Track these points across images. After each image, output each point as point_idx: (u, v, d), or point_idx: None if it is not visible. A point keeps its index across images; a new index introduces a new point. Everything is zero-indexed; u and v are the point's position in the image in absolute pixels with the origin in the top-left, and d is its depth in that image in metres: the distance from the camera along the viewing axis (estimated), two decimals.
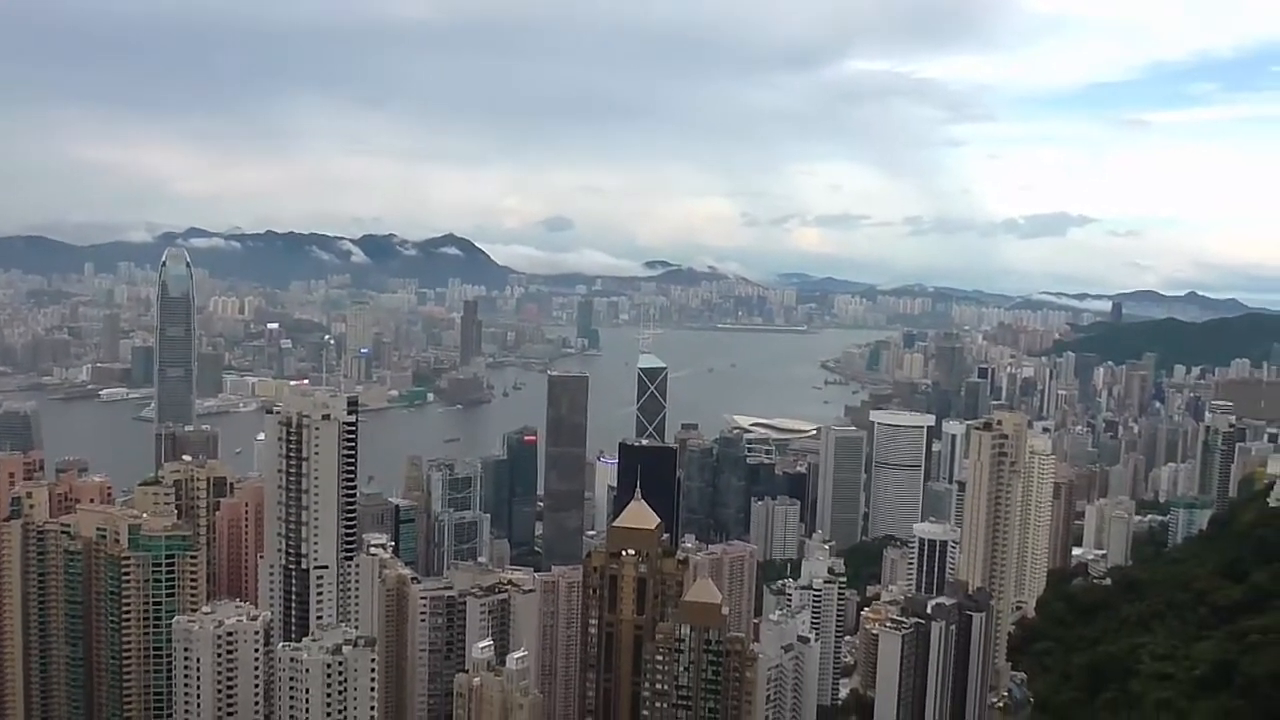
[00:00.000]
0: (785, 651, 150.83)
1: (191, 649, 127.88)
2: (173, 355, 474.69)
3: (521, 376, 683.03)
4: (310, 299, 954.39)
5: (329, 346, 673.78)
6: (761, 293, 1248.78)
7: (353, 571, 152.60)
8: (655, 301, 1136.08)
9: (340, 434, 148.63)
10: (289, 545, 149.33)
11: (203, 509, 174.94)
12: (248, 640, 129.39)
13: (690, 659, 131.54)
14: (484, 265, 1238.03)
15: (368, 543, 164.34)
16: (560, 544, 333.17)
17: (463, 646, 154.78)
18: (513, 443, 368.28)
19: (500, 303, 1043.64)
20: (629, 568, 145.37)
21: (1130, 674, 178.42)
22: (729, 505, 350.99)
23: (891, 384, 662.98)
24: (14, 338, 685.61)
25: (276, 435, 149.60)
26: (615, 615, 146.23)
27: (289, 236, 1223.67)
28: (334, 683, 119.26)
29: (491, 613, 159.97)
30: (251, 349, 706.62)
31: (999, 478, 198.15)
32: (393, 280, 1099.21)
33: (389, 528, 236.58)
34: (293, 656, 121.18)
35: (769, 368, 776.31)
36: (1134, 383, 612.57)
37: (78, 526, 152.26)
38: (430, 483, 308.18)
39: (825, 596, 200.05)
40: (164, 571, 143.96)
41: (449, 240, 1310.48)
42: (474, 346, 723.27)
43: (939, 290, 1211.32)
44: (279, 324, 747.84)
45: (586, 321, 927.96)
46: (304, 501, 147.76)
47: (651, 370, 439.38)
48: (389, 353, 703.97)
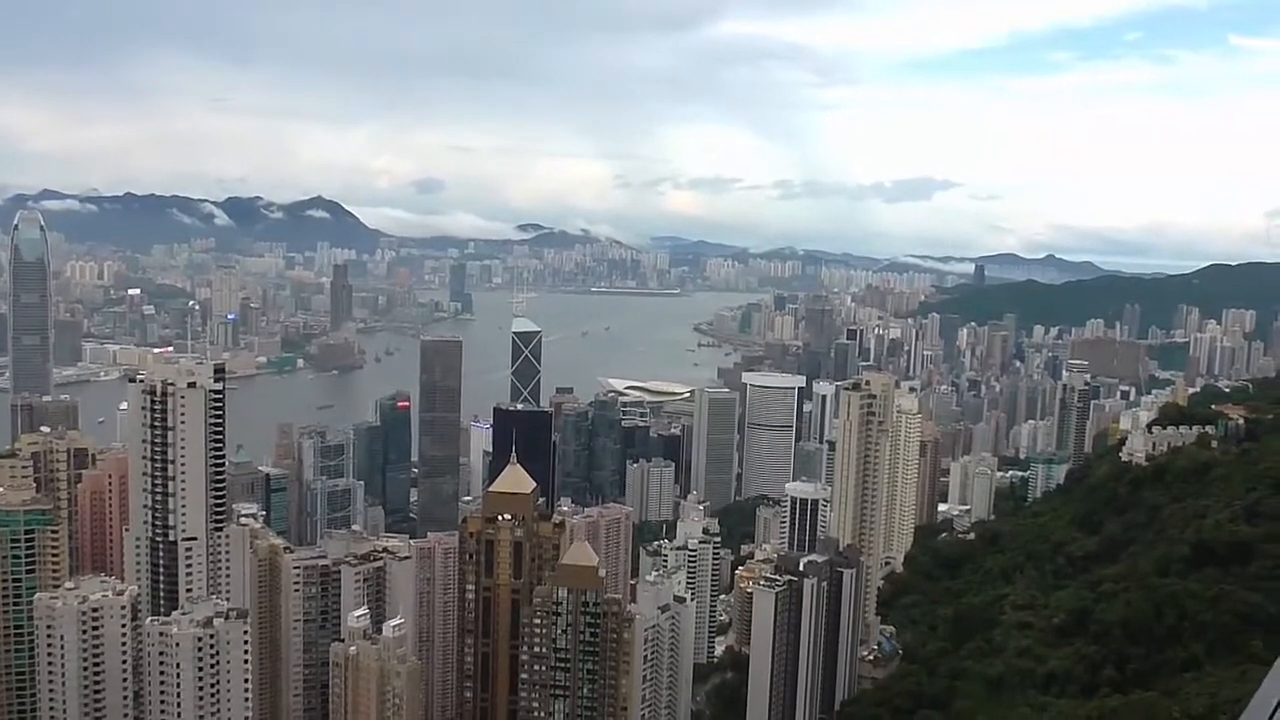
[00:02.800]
0: (662, 612, 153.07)
1: (54, 626, 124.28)
2: (27, 322, 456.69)
3: (394, 342, 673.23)
4: (173, 263, 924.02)
5: (193, 313, 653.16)
6: (635, 256, 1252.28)
7: (223, 542, 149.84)
8: (528, 265, 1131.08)
9: (207, 402, 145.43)
10: (155, 517, 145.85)
11: (63, 481, 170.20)
12: (114, 616, 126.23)
13: (568, 621, 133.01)
14: (353, 228, 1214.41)
15: (238, 513, 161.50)
16: (436, 510, 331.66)
17: (338, 616, 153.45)
18: (386, 409, 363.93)
19: (371, 266, 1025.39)
20: (505, 532, 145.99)
21: (993, 624, 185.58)
22: (604, 468, 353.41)
23: (763, 346, 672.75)
24: None
25: (140, 404, 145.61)
26: (492, 580, 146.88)
27: (149, 199, 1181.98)
28: (205, 656, 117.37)
29: (367, 581, 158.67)
30: (112, 315, 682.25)
31: (868, 437, 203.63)
32: (259, 244, 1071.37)
33: (260, 497, 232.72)
34: (161, 631, 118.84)
35: (642, 331, 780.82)
36: (995, 343, 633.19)
37: None
38: (301, 451, 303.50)
39: (700, 556, 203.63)
40: (23, 547, 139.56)
41: (317, 203, 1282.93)
42: (344, 311, 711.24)
43: (809, 253, 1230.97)
44: (140, 289, 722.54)
45: (459, 285, 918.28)
46: (170, 472, 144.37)
47: (525, 334, 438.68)
48: (256, 318, 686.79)
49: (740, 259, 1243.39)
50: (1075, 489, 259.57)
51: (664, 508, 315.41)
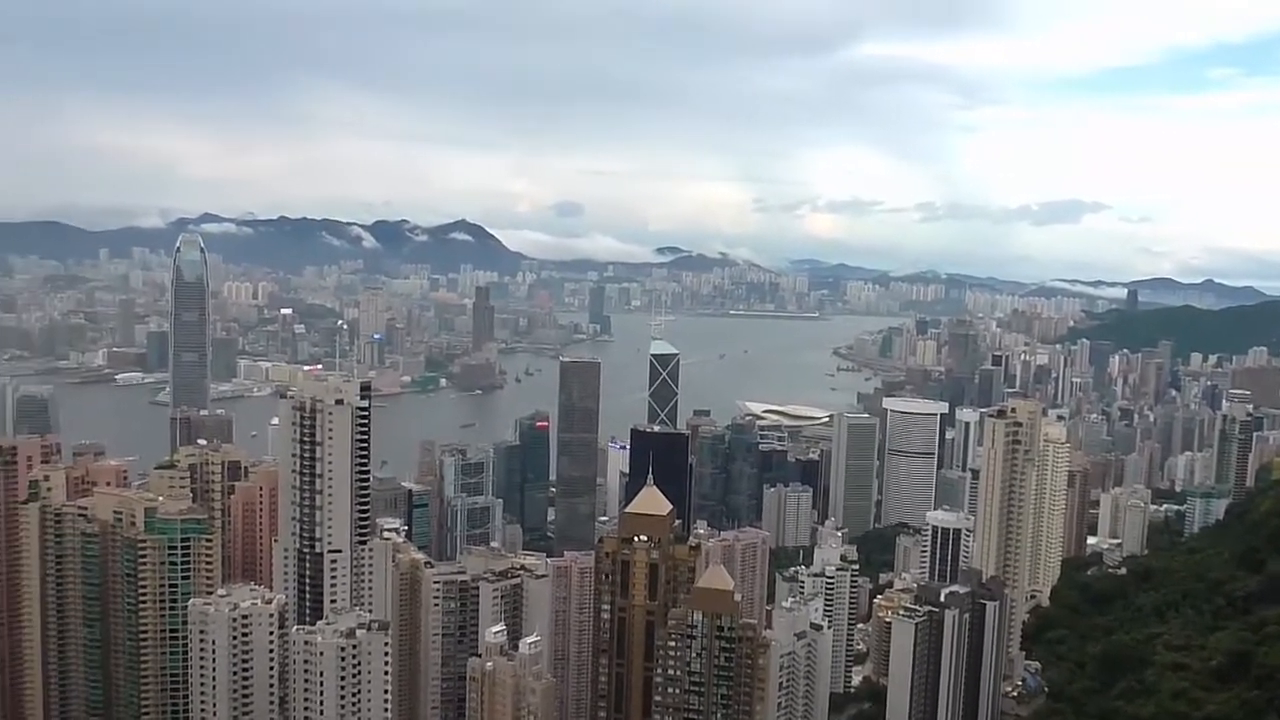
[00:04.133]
0: (798, 639, 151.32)
1: (207, 631, 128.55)
2: (187, 340, 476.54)
3: (534, 362, 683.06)
4: (323, 284, 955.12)
5: (342, 332, 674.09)
6: (773, 279, 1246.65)
7: (366, 556, 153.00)
8: (667, 288, 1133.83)
9: (353, 419, 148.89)
10: (303, 529, 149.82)
11: (217, 493, 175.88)
12: (262, 623, 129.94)
13: (702, 645, 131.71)
14: (495, 251, 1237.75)
15: (381, 527, 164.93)
16: (572, 529, 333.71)
17: (475, 631, 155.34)
18: (525, 428, 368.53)
19: (512, 288, 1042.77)
20: (641, 554, 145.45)
21: (1145, 664, 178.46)
22: (741, 492, 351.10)
23: (904, 371, 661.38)
24: (31, 322, 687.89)
25: (290, 420, 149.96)
26: (628, 601, 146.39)
27: (301, 222, 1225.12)
28: (348, 666, 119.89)
29: (504, 598, 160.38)
30: (265, 334, 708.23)
31: (1013, 466, 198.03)
32: (405, 266, 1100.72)
33: (402, 512, 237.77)
34: (307, 640, 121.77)
35: (781, 354, 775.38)
36: (1149, 370, 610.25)
37: (94, 509, 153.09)
38: (443, 468, 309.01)
39: (838, 584, 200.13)
40: (179, 554, 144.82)
41: (460, 226, 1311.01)
42: (486, 332, 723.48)
43: (952, 277, 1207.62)
44: (292, 309, 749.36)
45: (598, 308, 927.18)
46: (318, 486, 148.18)
47: (664, 356, 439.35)
48: (401, 338, 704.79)
49: (881, 282, 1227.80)
50: (1235, 525, 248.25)
51: (801, 533, 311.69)
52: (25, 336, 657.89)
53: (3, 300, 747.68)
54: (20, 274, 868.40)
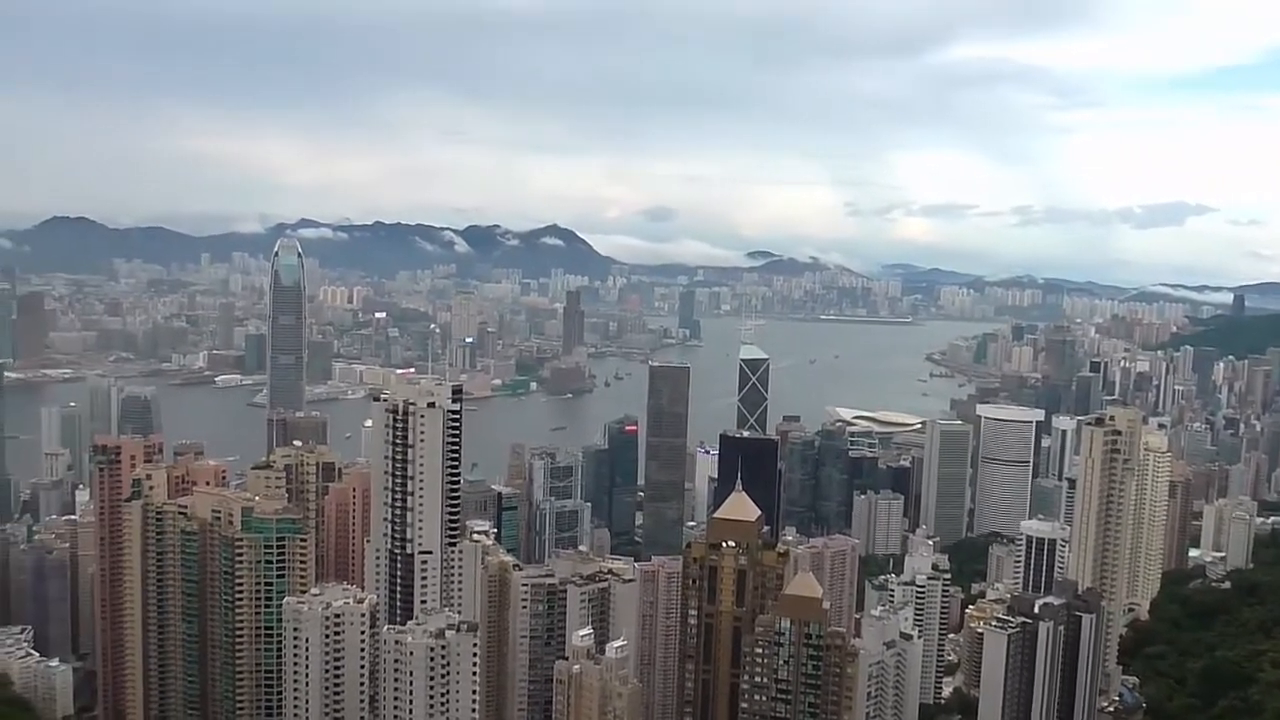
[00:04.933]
0: (887, 648, 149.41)
1: (301, 629, 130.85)
2: (284, 343, 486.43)
3: (623, 366, 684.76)
4: (416, 289, 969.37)
5: (434, 335, 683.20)
6: (865, 284, 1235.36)
7: (456, 557, 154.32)
8: (757, 292, 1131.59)
9: (445, 422, 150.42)
10: (394, 530, 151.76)
11: (312, 493, 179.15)
12: (354, 622, 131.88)
13: (790, 652, 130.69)
14: (586, 255, 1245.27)
15: (471, 529, 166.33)
16: (660, 534, 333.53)
17: (563, 634, 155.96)
18: (614, 432, 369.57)
19: (602, 293, 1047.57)
20: (729, 559, 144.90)
21: (1249, 681, 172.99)
22: (831, 498, 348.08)
23: (999, 377, 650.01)
24: (135, 325, 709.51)
25: (383, 422, 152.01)
26: (715, 607, 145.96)
27: (395, 227, 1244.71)
28: (437, 666, 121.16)
29: (592, 601, 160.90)
30: (359, 337, 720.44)
31: (1111, 475, 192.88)
32: (496, 270, 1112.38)
33: (491, 515, 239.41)
34: (397, 639, 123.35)
35: (872, 360, 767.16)
36: (1256, 378, 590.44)
37: (194, 508, 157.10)
38: (532, 471, 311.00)
39: (929, 593, 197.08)
40: (275, 553, 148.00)
41: (551, 230, 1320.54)
42: (576, 336, 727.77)
43: (1049, 281, 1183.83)
44: (386, 313, 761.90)
45: (688, 312, 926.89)
46: (409, 487, 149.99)
47: (753, 361, 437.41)
48: (493, 342, 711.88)
49: (976, 287, 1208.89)
50: None
51: (891, 541, 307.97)
52: (130, 339, 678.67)
53: (109, 304, 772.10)
54: (126, 278, 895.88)
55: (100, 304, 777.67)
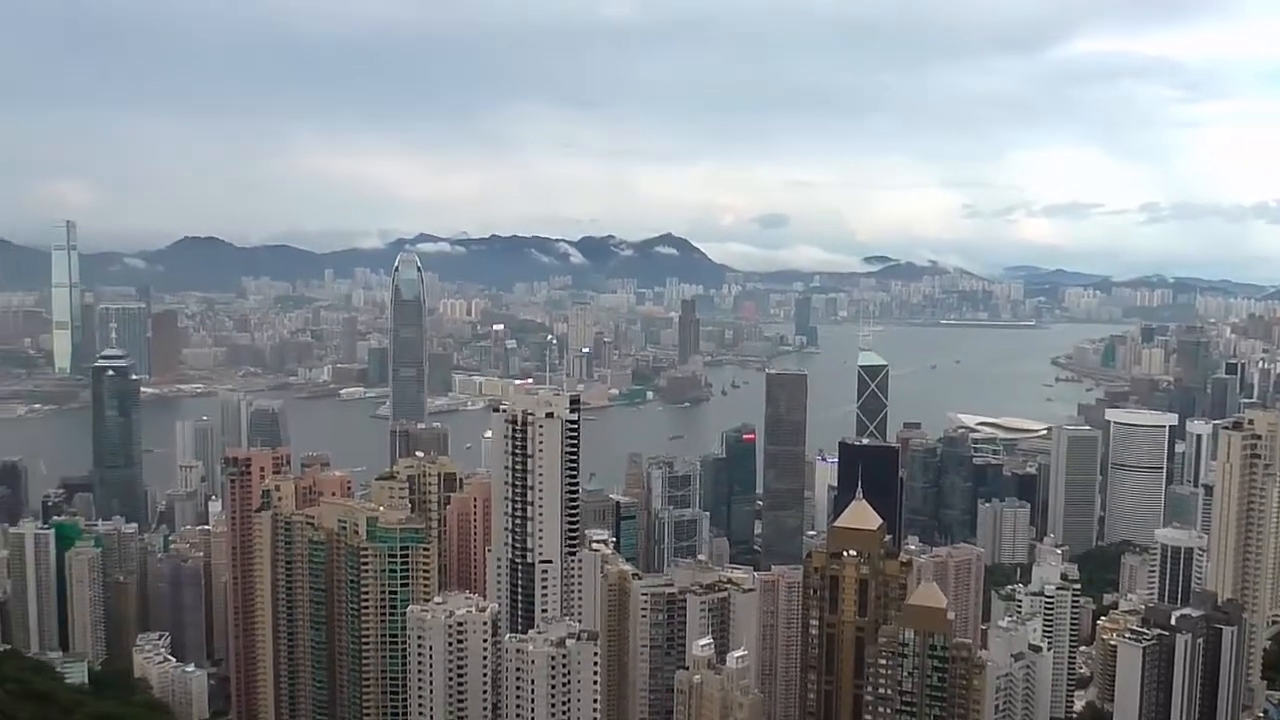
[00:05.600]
0: (1015, 660, 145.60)
1: (424, 637, 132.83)
2: (406, 356, 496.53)
3: (740, 374, 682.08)
4: (533, 300, 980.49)
5: (551, 346, 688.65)
6: (986, 287, 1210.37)
7: (576, 566, 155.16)
8: (875, 297, 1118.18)
9: (563, 432, 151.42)
10: (515, 539, 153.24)
11: (434, 503, 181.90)
12: (476, 630, 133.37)
13: (914, 664, 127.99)
14: (700, 264, 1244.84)
15: (590, 538, 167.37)
16: (779, 543, 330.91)
17: (683, 643, 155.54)
18: (731, 441, 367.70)
19: (717, 301, 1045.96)
20: (851, 568, 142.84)
21: None
22: (954, 507, 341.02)
23: (1129, 381, 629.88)
24: (263, 341, 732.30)
25: (503, 433, 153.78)
26: (836, 617, 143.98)
27: (512, 240, 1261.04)
28: (558, 675, 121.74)
29: (712, 610, 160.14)
30: (478, 349, 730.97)
31: (1251, 481, 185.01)
32: (611, 280, 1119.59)
33: (610, 524, 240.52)
34: (519, 648, 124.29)
35: (995, 364, 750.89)
36: None
37: (321, 518, 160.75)
38: (650, 480, 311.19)
39: (1058, 604, 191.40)
40: (399, 562, 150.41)
41: (666, 240, 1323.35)
42: (692, 345, 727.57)
43: (1180, 281, 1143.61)
44: (504, 325, 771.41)
45: (804, 319, 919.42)
46: (529, 497, 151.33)
47: (872, 368, 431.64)
48: (609, 352, 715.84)
49: (1102, 288, 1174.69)
50: None
51: (1018, 550, 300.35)
52: (258, 354, 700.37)
53: (238, 320, 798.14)
54: (254, 295, 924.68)
55: (230, 320, 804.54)
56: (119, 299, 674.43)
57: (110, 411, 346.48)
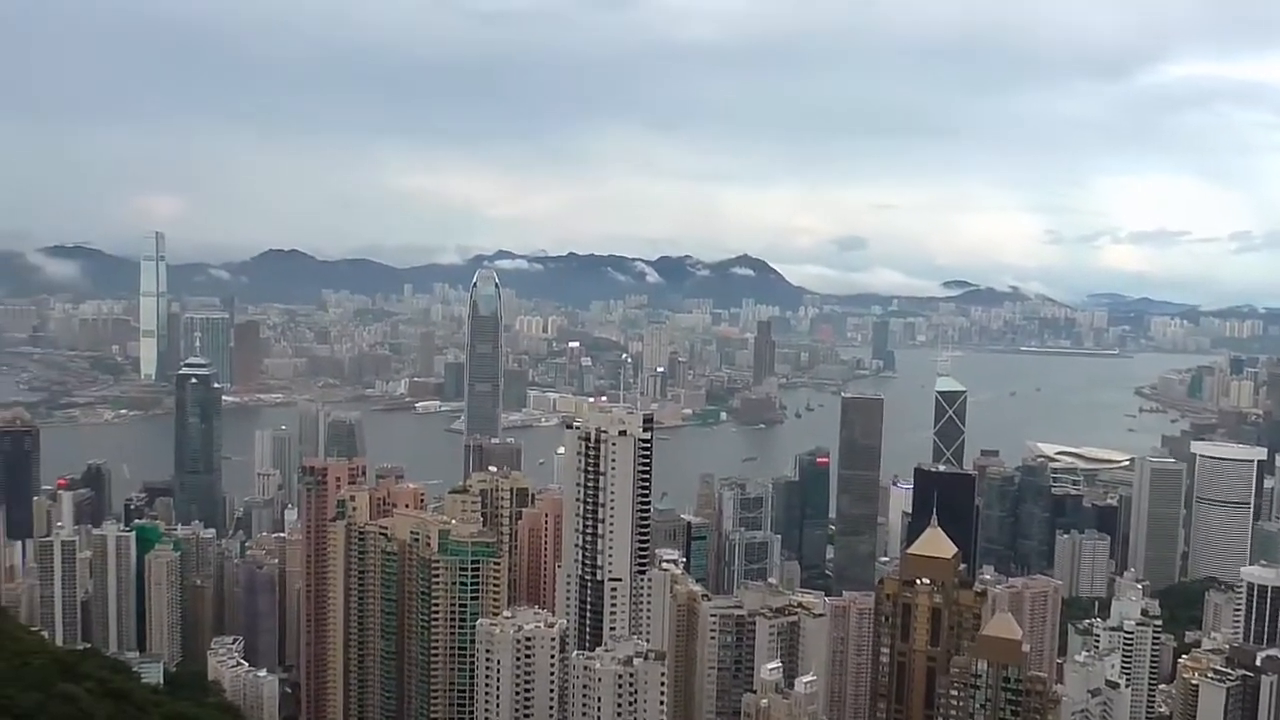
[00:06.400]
0: (1091, 696, 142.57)
1: (493, 651, 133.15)
2: (481, 371, 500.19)
3: (815, 398, 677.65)
4: (609, 318, 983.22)
5: (626, 365, 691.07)
6: (1069, 314, 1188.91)
7: (645, 585, 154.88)
8: (954, 322, 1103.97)
9: (636, 450, 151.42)
10: (585, 556, 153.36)
11: (506, 518, 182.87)
12: (544, 646, 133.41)
13: (987, 696, 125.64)
14: (777, 285, 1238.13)
15: (660, 558, 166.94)
16: (851, 569, 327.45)
17: (751, 666, 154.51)
18: (805, 464, 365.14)
19: (794, 323, 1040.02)
20: (924, 597, 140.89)
21: None
22: (1031, 537, 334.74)
23: (1216, 413, 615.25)
24: (342, 353, 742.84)
25: (576, 450, 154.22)
26: (908, 645, 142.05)
27: (589, 258, 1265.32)
28: (624, 693, 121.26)
29: (781, 634, 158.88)
30: (553, 366, 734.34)
31: None
32: (687, 301, 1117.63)
33: (681, 544, 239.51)
34: (586, 665, 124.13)
35: (1077, 393, 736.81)
36: None
37: (394, 529, 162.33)
38: (722, 501, 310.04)
39: (1138, 640, 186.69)
40: (470, 575, 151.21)
41: (743, 261, 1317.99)
42: (767, 367, 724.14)
43: (1272, 311, 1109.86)
44: (579, 342, 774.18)
45: (882, 343, 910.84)
46: (600, 515, 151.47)
47: (950, 393, 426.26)
48: (683, 372, 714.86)
49: (1190, 317, 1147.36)
50: None
51: (1096, 584, 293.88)
52: (337, 366, 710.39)
53: (318, 332, 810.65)
54: (334, 308, 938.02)
55: (310, 332, 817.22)
56: (204, 309, 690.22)
57: (192, 418, 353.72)
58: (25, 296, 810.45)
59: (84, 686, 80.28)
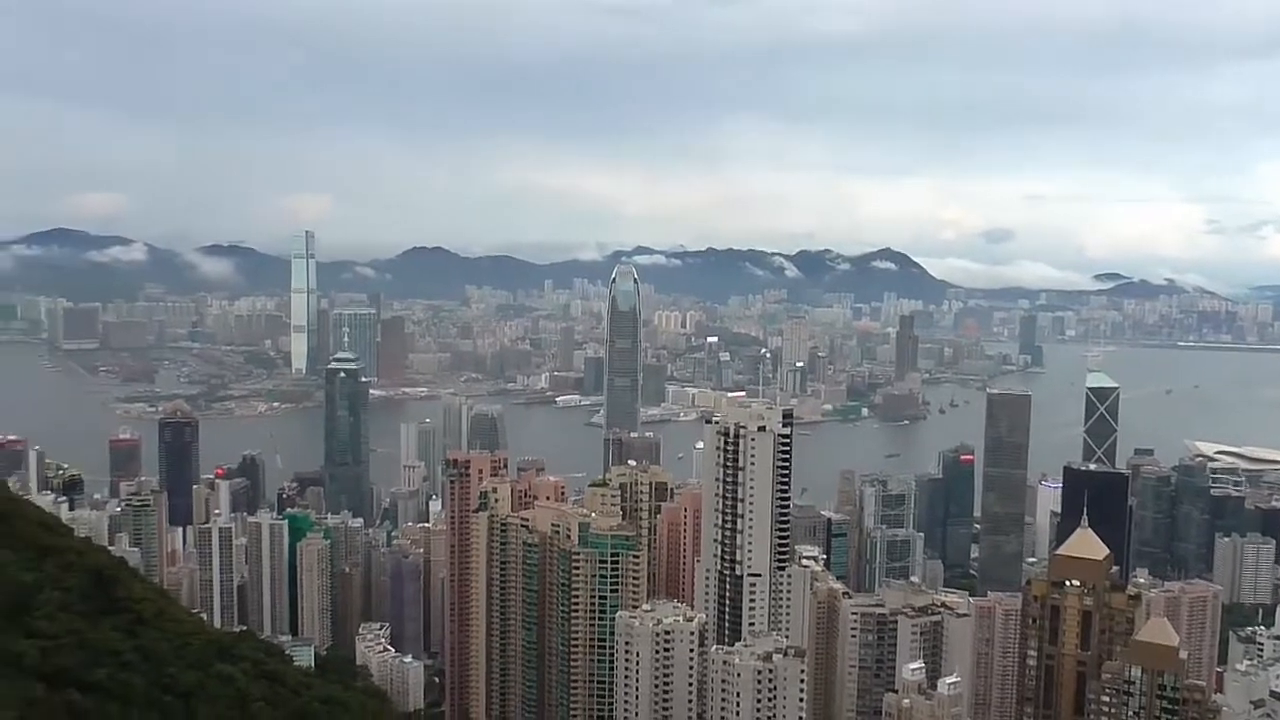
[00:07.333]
0: (1254, 707, 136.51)
1: (632, 643, 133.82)
2: (621, 366, 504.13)
3: (959, 393, 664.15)
4: (747, 313, 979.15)
5: (765, 360, 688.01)
6: (1230, 307, 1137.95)
7: (785, 581, 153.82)
8: (1105, 316, 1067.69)
9: (775, 446, 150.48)
10: (724, 551, 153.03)
11: (645, 511, 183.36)
12: (683, 640, 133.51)
13: (1141, 704, 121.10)
14: (920, 279, 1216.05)
15: (800, 554, 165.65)
16: (996, 569, 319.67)
17: (892, 666, 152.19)
18: (948, 461, 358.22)
19: (937, 317, 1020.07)
20: (1073, 599, 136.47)
21: None
22: (1188, 540, 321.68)
23: None
24: (484, 348, 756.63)
25: (715, 444, 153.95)
26: (1057, 649, 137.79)
27: (727, 253, 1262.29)
28: (764, 689, 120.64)
29: (923, 634, 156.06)
30: (692, 361, 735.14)
31: None
32: (827, 295, 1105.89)
33: (821, 540, 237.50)
34: (725, 660, 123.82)
35: (1238, 390, 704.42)
36: None
37: (535, 521, 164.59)
38: (863, 498, 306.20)
39: None
40: (609, 568, 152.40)
41: (884, 254, 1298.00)
42: (909, 362, 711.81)
43: None
44: (718, 337, 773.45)
45: (1029, 337, 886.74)
46: (739, 510, 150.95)
47: (1101, 390, 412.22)
48: (823, 367, 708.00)
49: None
50: None
51: (1260, 590, 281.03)
52: (479, 360, 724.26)
53: (461, 328, 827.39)
54: (476, 304, 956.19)
55: (453, 328, 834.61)
56: (351, 305, 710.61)
57: (341, 411, 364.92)
58: (184, 294, 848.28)
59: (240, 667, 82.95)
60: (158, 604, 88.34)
